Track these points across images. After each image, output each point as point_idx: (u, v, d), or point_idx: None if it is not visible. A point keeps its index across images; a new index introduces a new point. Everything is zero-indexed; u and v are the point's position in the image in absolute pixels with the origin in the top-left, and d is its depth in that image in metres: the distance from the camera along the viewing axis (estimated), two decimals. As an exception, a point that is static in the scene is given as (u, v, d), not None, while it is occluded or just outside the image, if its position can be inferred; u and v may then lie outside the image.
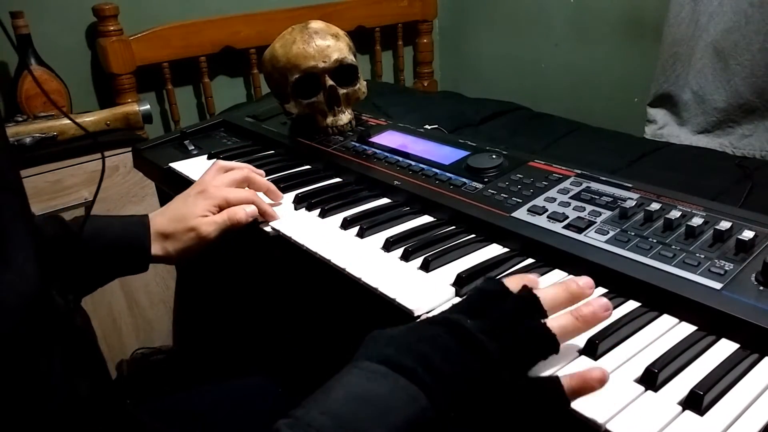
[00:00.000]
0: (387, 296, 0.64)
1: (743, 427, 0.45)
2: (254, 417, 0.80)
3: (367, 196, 0.89)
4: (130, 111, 1.60)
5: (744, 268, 0.59)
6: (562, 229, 0.70)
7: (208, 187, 0.82)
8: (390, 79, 2.42)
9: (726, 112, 1.63)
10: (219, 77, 2.02)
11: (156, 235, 0.79)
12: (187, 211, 0.80)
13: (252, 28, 1.92)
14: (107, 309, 1.59)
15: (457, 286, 0.64)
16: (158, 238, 0.79)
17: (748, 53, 1.54)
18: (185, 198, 0.83)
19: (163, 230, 0.79)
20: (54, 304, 0.51)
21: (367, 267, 0.69)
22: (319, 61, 1.01)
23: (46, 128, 1.46)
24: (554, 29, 2.10)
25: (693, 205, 0.70)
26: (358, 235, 0.77)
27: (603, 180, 0.79)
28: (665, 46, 1.68)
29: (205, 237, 0.79)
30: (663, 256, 0.62)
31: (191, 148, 1.15)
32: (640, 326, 0.56)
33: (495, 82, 2.35)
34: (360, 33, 2.13)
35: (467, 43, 2.44)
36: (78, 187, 1.51)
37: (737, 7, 1.53)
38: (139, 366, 1.63)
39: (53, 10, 1.67)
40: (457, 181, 0.84)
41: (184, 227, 0.79)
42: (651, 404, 0.47)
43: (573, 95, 2.09)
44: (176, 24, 1.81)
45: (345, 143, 1.03)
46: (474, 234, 0.75)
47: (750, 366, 0.51)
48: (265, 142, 1.13)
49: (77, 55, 1.76)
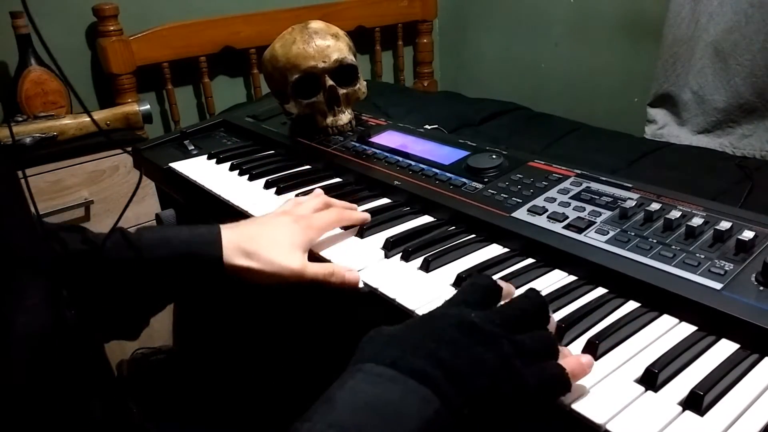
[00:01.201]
0: (387, 296, 0.64)
1: (743, 427, 0.45)
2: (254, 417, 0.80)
3: (367, 196, 0.89)
4: (130, 111, 1.60)
5: (744, 268, 0.59)
6: (562, 229, 0.70)
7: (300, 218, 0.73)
8: (390, 79, 2.42)
9: (726, 112, 1.62)
10: (219, 77, 2.02)
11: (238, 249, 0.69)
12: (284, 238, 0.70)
13: (252, 28, 1.92)
14: (107, 309, 1.59)
15: (457, 286, 0.64)
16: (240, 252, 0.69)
17: (748, 53, 1.54)
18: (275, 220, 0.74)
19: (246, 248, 0.68)
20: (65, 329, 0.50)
21: (367, 267, 0.70)
22: (319, 61, 1.01)
23: (46, 128, 1.46)
24: (554, 29, 2.10)
25: (693, 205, 0.70)
26: (358, 235, 0.77)
27: (603, 180, 0.79)
28: (665, 46, 1.68)
29: (301, 278, 0.69)
30: (663, 257, 0.62)
31: (191, 148, 1.15)
32: (640, 326, 0.56)
33: (495, 82, 2.35)
34: (360, 33, 2.13)
35: (467, 43, 2.44)
36: (78, 187, 1.51)
37: (737, 7, 1.53)
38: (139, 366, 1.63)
39: (53, 10, 1.67)
40: (457, 181, 0.84)
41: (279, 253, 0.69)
42: (651, 404, 0.47)
43: (573, 95, 2.09)
44: (176, 24, 1.81)
45: (345, 143, 1.03)
46: (474, 234, 0.75)
47: (750, 366, 0.51)
48: (265, 142, 1.13)
49: (77, 55, 1.76)
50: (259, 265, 0.68)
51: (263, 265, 0.68)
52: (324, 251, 0.74)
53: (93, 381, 0.53)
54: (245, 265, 0.68)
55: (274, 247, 0.68)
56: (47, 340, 0.43)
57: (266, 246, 0.68)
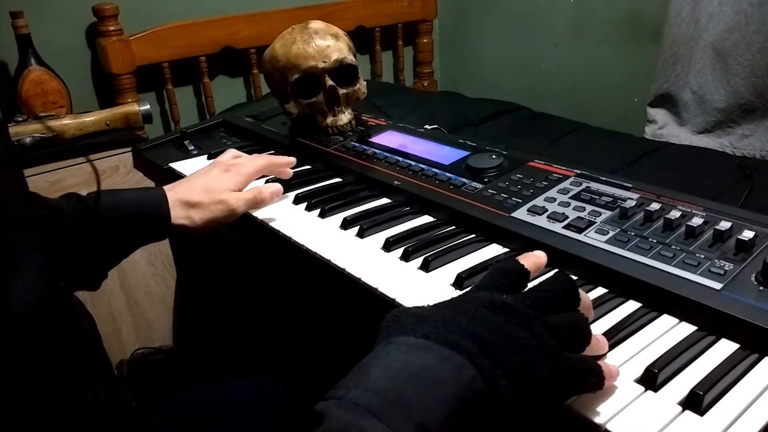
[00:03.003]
0: (387, 296, 0.64)
1: (743, 427, 0.45)
2: (254, 417, 0.80)
3: (367, 196, 0.89)
4: (130, 111, 1.60)
5: (744, 268, 0.59)
6: (562, 229, 0.70)
7: (231, 166, 0.86)
8: (390, 79, 2.42)
9: (726, 112, 1.62)
10: (219, 77, 2.02)
11: (179, 203, 0.80)
12: (215, 184, 0.83)
13: (252, 28, 1.92)
14: (107, 309, 1.59)
15: (456, 286, 0.64)
16: (182, 206, 0.80)
17: (748, 53, 1.54)
18: (207, 173, 0.85)
19: (188, 199, 0.81)
20: (60, 311, 0.51)
21: (367, 267, 0.70)
22: (319, 61, 1.01)
23: (46, 128, 1.46)
24: (554, 29, 2.10)
25: (693, 205, 0.70)
26: (358, 235, 0.77)
27: (603, 180, 0.79)
28: (665, 46, 1.68)
29: (233, 210, 0.82)
30: (663, 256, 0.62)
31: (191, 148, 1.15)
32: (640, 326, 0.56)
33: (495, 82, 2.35)
34: (360, 33, 2.13)
35: (467, 43, 2.43)
36: (78, 187, 1.51)
37: (737, 7, 1.53)
38: (139, 366, 1.63)
39: (53, 10, 1.67)
40: (457, 181, 0.84)
41: (213, 199, 0.81)
42: (651, 404, 0.47)
43: (573, 95, 2.09)
44: (176, 24, 1.81)
45: (345, 143, 1.03)
46: (474, 234, 0.75)
47: (750, 366, 0.51)
48: (265, 142, 1.13)
49: (77, 55, 1.76)
50: (198, 214, 0.80)
51: (202, 213, 0.80)
52: (324, 251, 0.74)
53: (86, 360, 0.53)
54: (187, 216, 0.80)
55: (208, 194, 0.81)
56: (44, 310, 0.43)
57: (202, 194, 0.81)
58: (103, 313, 1.57)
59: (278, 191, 0.86)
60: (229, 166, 0.86)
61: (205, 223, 0.81)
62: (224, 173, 0.85)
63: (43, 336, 0.43)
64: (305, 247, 0.76)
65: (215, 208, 0.81)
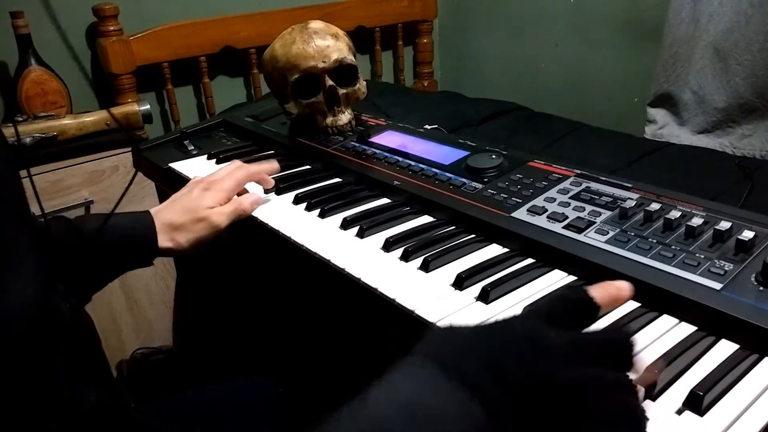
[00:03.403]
0: (387, 296, 0.64)
1: (743, 427, 0.45)
2: (254, 417, 0.80)
3: (367, 196, 0.89)
4: (130, 111, 1.60)
5: (744, 268, 0.59)
6: (561, 229, 0.70)
7: (211, 183, 0.86)
8: (390, 79, 2.42)
9: (726, 112, 1.62)
10: (219, 77, 2.02)
11: (164, 227, 0.81)
12: (195, 203, 0.83)
13: (252, 28, 1.92)
14: (107, 309, 1.59)
15: (456, 286, 0.64)
16: (167, 229, 0.81)
17: (748, 53, 1.54)
18: (189, 193, 0.85)
19: (171, 222, 0.81)
20: (59, 312, 0.51)
21: (366, 267, 0.69)
22: (319, 61, 1.01)
23: (46, 128, 1.46)
24: (554, 29, 2.10)
25: (693, 205, 0.70)
26: (357, 235, 0.77)
27: (603, 180, 0.79)
28: (665, 46, 1.68)
29: (216, 226, 0.82)
30: (663, 257, 0.62)
31: (191, 148, 1.15)
32: (640, 326, 0.56)
33: (495, 82, 2.35)
34: (360, 33, 2.13)
35: (467, 43, 2.43)
36: (78, 187, 1.51)
37: (737, 7, 1.53)
38: (139, 366, 1.63)
39: (53, 10, 1.67)
40: (457, 181, 0.84)
41: (194, 218, 0.82)
42: (651, 405, 0.47)
43: (573, 95, 2.09)
44: (176, 24, 1.81)
45: (345, 143, 1.03)
46: (474, 234, 0.75)
47: (750, 366, 0.51)
48: (265, 142, 1.13)
49: (77, 55, 1.76)
50: (182, 236, 0.81)
51: (186, 234, 0.81)
52: (324, 251, 0.74)
53: (85, 363, 0.53)
54: (171, 239, 0.81)
55: (190, 214, 0.82)
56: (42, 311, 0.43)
57: (183, 216, 0.82)
58: (103, 313, 1.57)
59: (257, 200, 0.87)
60: (209, 183, 0.86)
61: (191, 244, 0.82)
62: (205, 192, 0.84)
63: (42, 336, 0.43)
64: (305, 247, 0.76)
65: (198, 228, 0.82)
